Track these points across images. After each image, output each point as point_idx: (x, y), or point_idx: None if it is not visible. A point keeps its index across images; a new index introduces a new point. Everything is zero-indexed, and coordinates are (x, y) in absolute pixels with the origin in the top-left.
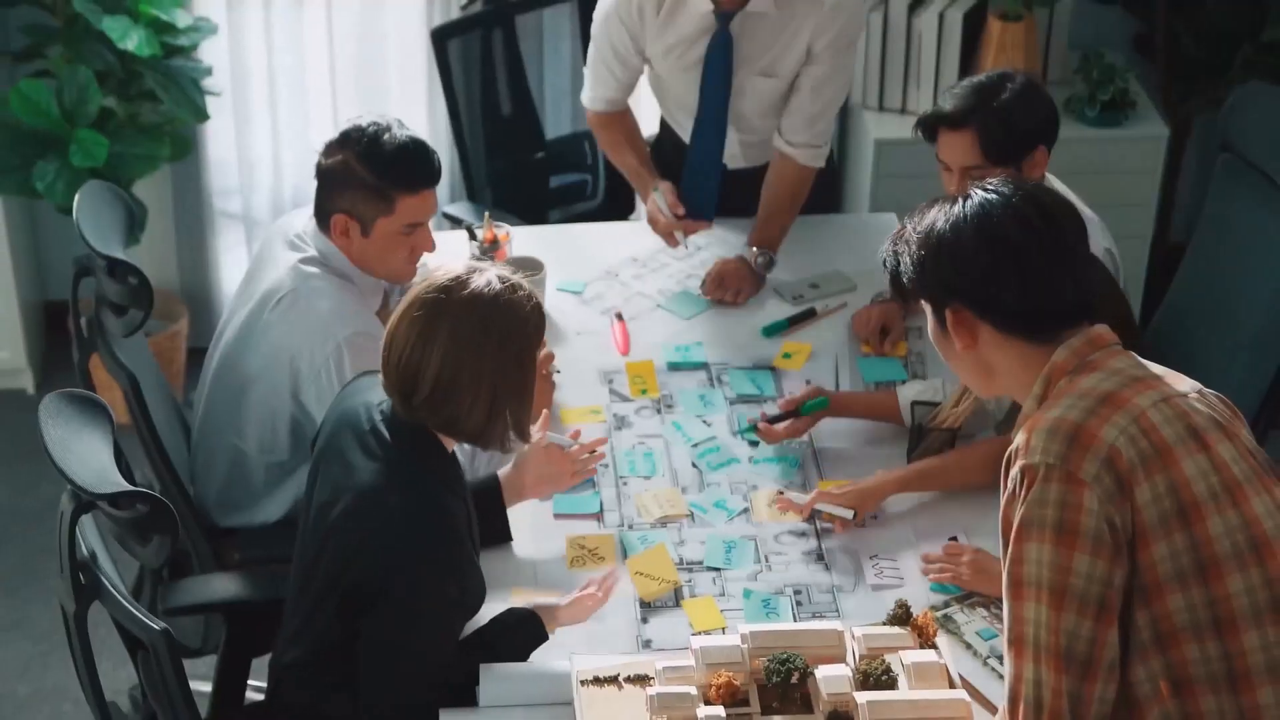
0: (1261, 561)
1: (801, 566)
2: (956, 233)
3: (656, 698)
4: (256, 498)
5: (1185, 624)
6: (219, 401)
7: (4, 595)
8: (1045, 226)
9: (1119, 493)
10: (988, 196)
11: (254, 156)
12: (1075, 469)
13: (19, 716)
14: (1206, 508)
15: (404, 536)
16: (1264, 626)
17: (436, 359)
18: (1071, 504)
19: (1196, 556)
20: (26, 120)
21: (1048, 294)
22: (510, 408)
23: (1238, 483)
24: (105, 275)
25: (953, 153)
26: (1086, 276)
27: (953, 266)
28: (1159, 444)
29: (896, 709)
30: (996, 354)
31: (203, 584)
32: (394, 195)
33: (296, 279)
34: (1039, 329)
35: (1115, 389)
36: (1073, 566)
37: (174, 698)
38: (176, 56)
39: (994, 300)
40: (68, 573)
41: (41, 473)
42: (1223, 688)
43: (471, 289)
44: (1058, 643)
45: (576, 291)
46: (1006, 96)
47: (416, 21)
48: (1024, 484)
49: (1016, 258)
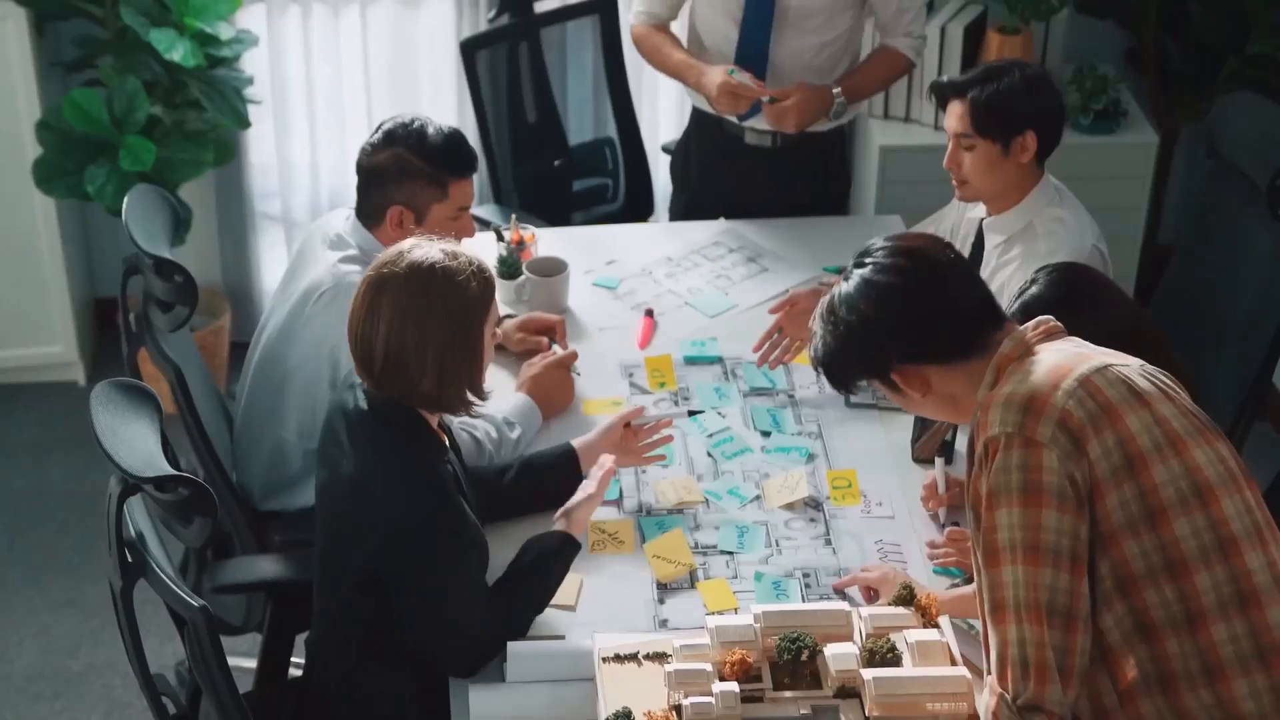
0: (1206, 506)
1: (810, 551)
2: (854, 312)
3: (674, 674)
4: (295, 482)
5: (1142, 570)
6: (260, 392)
7: (59, 575)
8: (914, 263)
9: (1075, 450)
10: (858, 270)
11: (293, 161)
12: (1032, 433)
13: (72, 690)
14: (1151, 458)
15: (403, 512)
16: (1213, 567)
17: (383, 331)
18: (1033, 465)
19: (1145, 504)
20: (79, 127)
21: (954, 311)
22: (461, 373)
23: (1179, 435)
24: (153, 273)
25: (950, 119)
26: (973, 283)
27: (870, 342)
28: (1104, 404)
29: (901, 685)
30: (951, 385)
31: (245, 565)
32: (447, 180)
33: (336, 275)
34: (969, 344)
35: (1060, 361)
36: (1042, 523)
37: (213, 671)
38: (220, 67)
39: (920, 344)
40: (115, 551)
41: (94, 459)
42: (1183, 630)
43: (408, 261)
44: (1038, 598)
45: (611, 287)
46: (1008, 79)
47: (447, 33)
48: (987, 456)
49: (908, 295)
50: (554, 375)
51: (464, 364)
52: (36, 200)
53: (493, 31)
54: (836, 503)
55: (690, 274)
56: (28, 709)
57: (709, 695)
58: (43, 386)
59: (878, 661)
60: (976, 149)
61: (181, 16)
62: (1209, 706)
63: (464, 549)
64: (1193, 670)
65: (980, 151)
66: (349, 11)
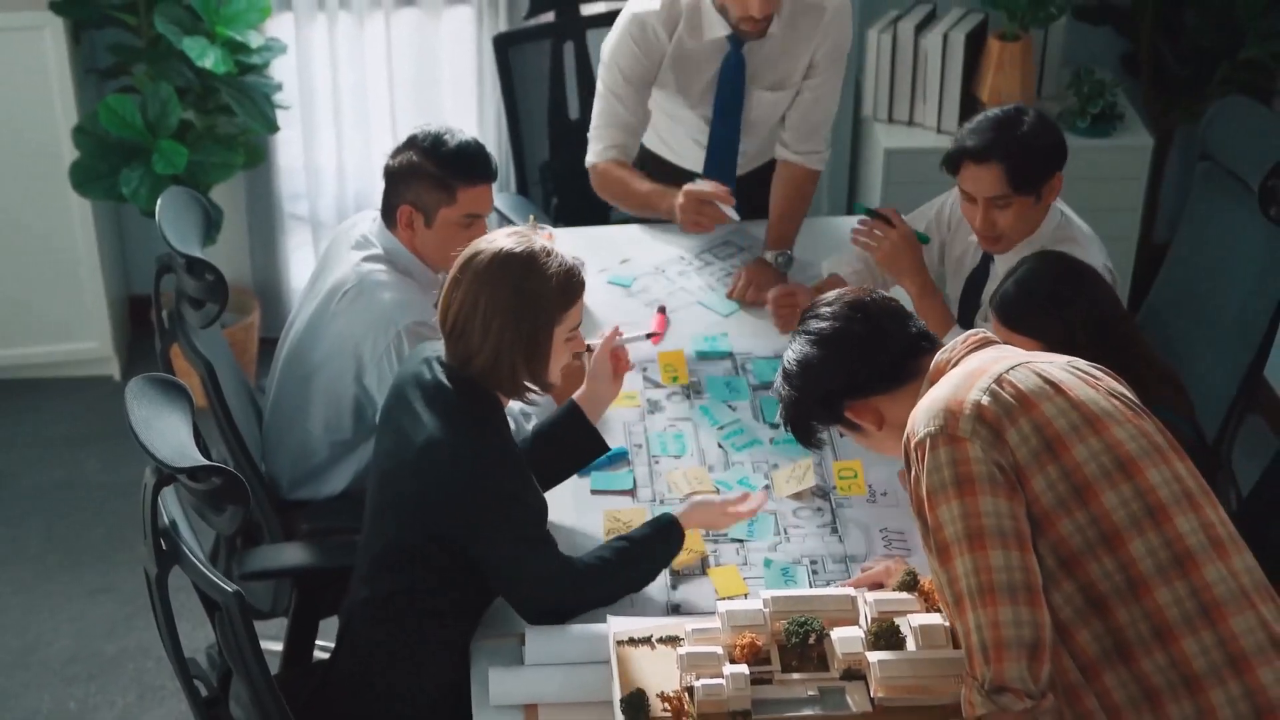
0: (1130, 477)
1: (817, 538)
2: (804, 359)
3: (686, 657)
4: (322, 473)
5: (1080, 546)
6: (288, 386)
7: (95, 562)
8: (844, 308)
9: (996, 439)
10: (800, 329)
11: (320, 164)
12: (954, 430)
13: (105, 673)
14: (1069, 438)
15: (483, 476)
16: (1145, 534)
17: (460, 296)
18: (960, 459)
19: (1070, 482)
20: (114, 132)
21: (885, 342)
22: (517, 357)
23: (1095, 416)
24: (185, 272)
25: (978, 184)
26: (899, 317)
27: (816, 384)
28: (1017, 395)
29: (905, 667)
30: (900, 412)
31: (274, 552)
32: (455, 186)
33: (361, 274)
34: (905, 368)
35: (977, 366)
36: (980, 509)
37: (245, 654)
38: (250, 74)
39: (861, 375)
40: (150, 539)
41: (127, 451)
42: (1128, 597)
43: (506, 247)
44: (991, 580)
45: (625, 285)
46: (1025, 130)
47: (468, 40)
48: (919, 459)
49: (845, 337)
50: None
51: (522, 350)
52: (73, 202)
53: (534, 29)
54: (843, 492)
55: (702, 273)
56: (64, 691)
57: (720, 677)
58: (78, 381)
59: (882, 645)
60: (1012, 206)
61: (213, 25)
62: (1164, 668)
63: (533, 511)
64: (1144, 634)
65: (1016, 207)
66: (373, 20)
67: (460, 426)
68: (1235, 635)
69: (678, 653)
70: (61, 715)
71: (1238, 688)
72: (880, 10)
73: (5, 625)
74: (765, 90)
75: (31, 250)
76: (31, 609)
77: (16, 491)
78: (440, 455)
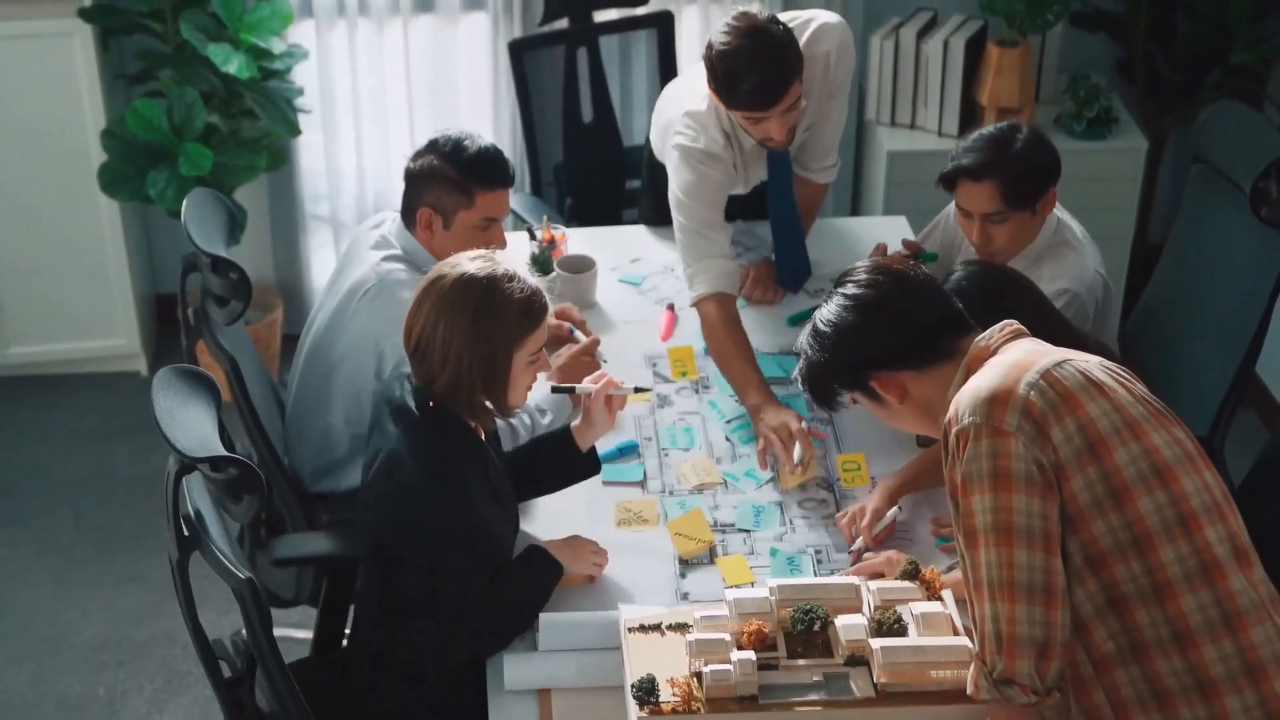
0: (1166, 484)
1: (822, 529)
2: (836, 323)
3: (695, 643)
4: (342, 465)
5: (1110, 547)
6: (310, 381)
7: (122, 552)
8: (885, 276)
9: (1039, 436)
10: (838, 289)
11: (340, 167)
12: (999, 423)
13: (135, 659)
14: (1111, 441)
15: (415, 503)
16: (1176, 541)
17: (422, 318)
18: (1001, 453)
19: (1109, 484)
20: (141, 135)
21: (919, 319)
22: (476, 381)
23: (1135, 420)
24: (210, 271)
25: (975, 201)
26: (938, 296)
27: (846, 347)
28: (1064, 392)
29: (906, 653)
30: (925, 390)
31: (297, 541)
32: (473, 190)
33: (381, 273)
34: (938, 348)
35: (1021, 358)
36: (1013, 506)
37: (259, 638)
38: (272, 79)
39: (893, 348)
40: (172, 526)
41: (155, 444)
42: (1150, 600)
43: (468, 270)
44: (1012, 577)
45: (635, 283)
46: (1019, 148)
47: (484, 46)
48: (959, 447)
49: (878, 307)
50: (579, 363)
51: (482, 373)
52: (102, 203)
53: (548, 35)
54: (846, 484)
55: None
56: (94, 677)
57: (728, 663)
58: (107, 377)
59: (885, 632)
60: (1008, 221)
61: (237, 32)
62: (1180, 671)
63: (464, 551)
64: (1164, 638)
65: (1013, 222)
66: (392, 27)
67: (414, 446)
68: (1254, 645)
69: (687, 639)
70: (92, 700)
71: (1253, 696)
72: (883, 17)
73: (37, 613)
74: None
75: (61, 250)
76: (62, 597)
77: (48, 483)
78: (390, 470)
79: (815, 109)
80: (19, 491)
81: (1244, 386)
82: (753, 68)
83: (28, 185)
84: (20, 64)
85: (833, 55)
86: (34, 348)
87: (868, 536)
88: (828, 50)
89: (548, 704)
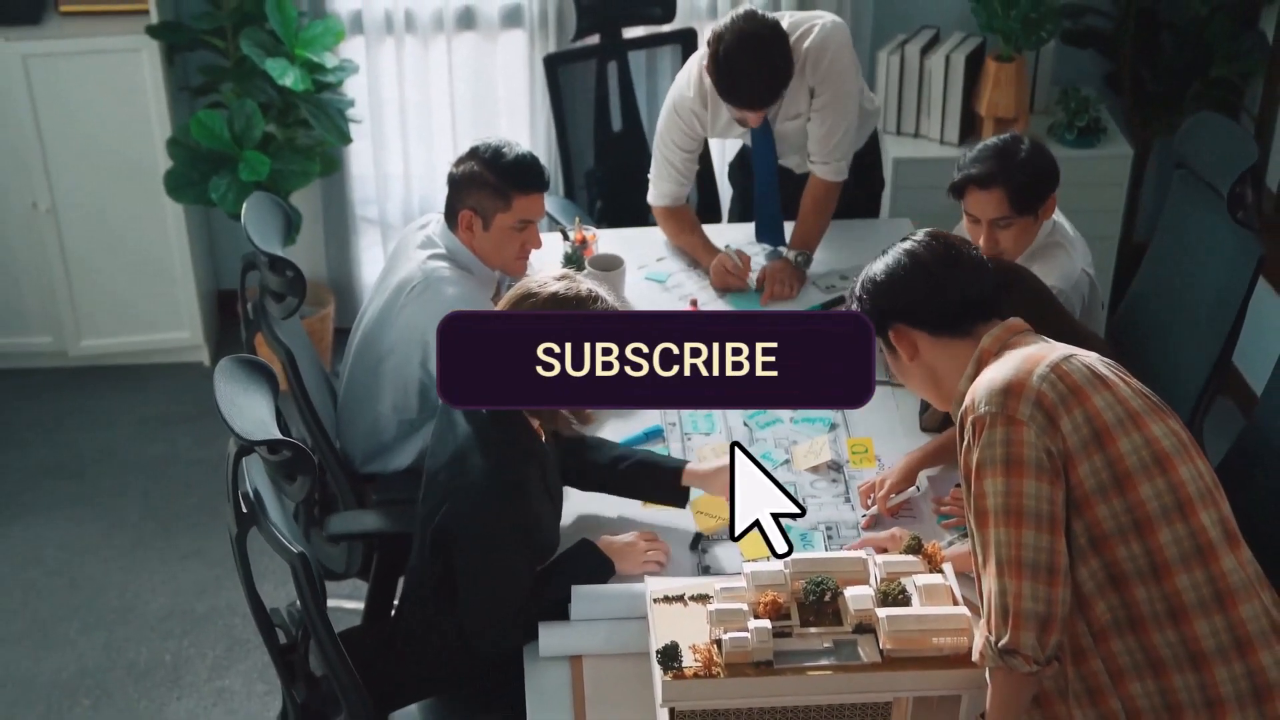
0: (1165, 472)
1: (832, 507)
2: (884, 269)
3: (715, 613)
4: (390, 449)
5: (1112, 529)
6: (360, 371)
7: (186, 529)
8: (941, 244)
9: (1050, 425)
10: (902, 243)
11: (388, 172)
12: (1013, 412)
13: (198, 628)
14: (1115, 431)
15: (479, 498)
16: (1174, 524)
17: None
18: (1014, 440)
19: (1113, 471)
20: (204, 143)
21: (953, 292)
22: None
23: (1137, 412)
24: (267, 269)
25: (983, 208)
26: (980, 279)
27: (883, 291)
28: (1072, 385)
29: (910, 622)
30: (934, 357)
31: (349, 518)
32: (511, 194)
33: (427, 271)
34: (957, 323)
35: (1032, 353)
36: (1023, 490)
37: (309, 607)
38: (325, 91)
39: (917, 306)
40: (232, 504)
41: (216, 429)
42: (1149, 579)
43: (556, 290)
44: (1020, 555)
45: (660, 280)
46: (1023, 157)
47: (521, 60)
48: (975, 433)
49: (923, 268)
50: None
51: None
52: (168, 207)
53: (582, 49)
54: (855, 465)
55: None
56: (160, 645)
57: (745, 631)
58: (172, 367)
59: (890, 602)
60: (1014, 226)
61: (292, 48)
62: (1174, 644)
63: (517, 546)
64: (1159, 613)
65: (1017, 226)
66: (436, 42)
67: (483, 445)
68: (1243, 620)
69: (708, 609)
70: (158, 665)
71: (1240, 667)
72: (890, 35)
73: (108, 585)
74: (787, 121)
75: (130, 250)
76: (131, 571)
77: (117, 466)
78: (459, 464)
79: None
80: (91, 474)
81: (1222, 376)
82: (748, 78)
83: (99, 190)
84: (93, 78)
85: (811, 53)
86: (105, 340)
87: (883, 506)
88: (807, 47)
89: (579, 669)
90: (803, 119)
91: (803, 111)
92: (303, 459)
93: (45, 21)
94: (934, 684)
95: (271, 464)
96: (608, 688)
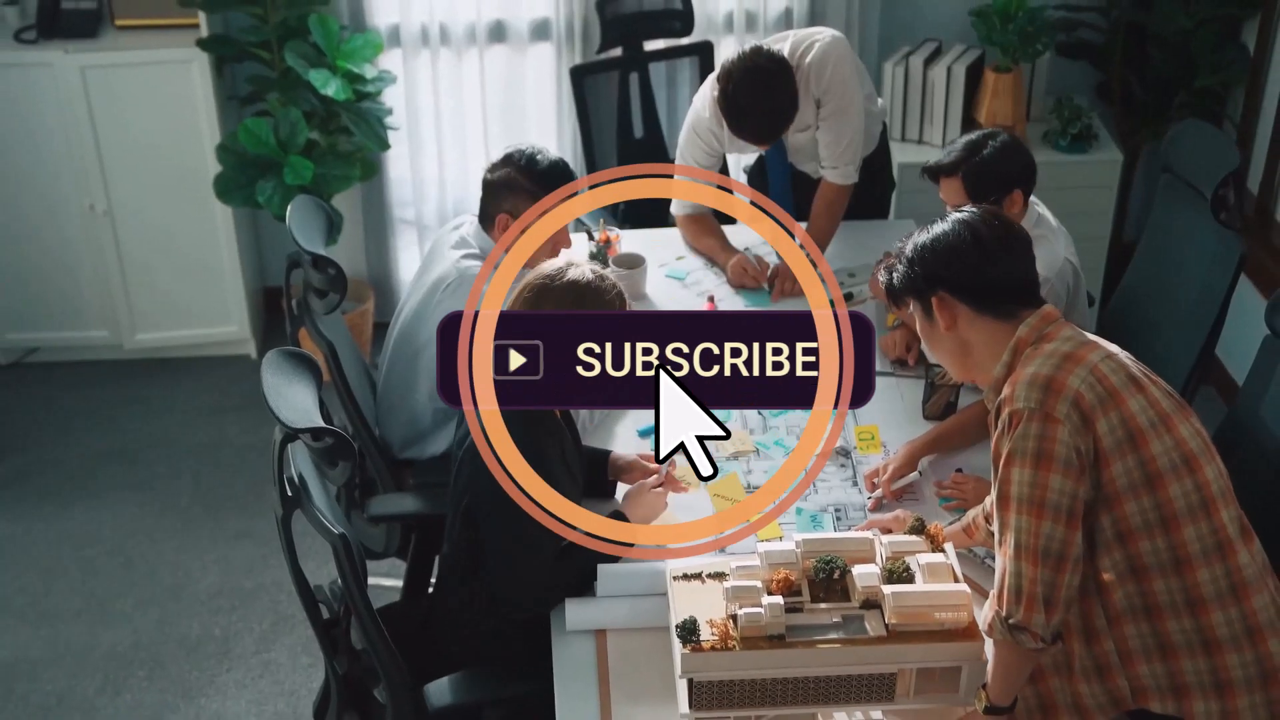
0: (1192, 472)
1: (840, 491)
2: (937, 236)
3: (731, 590)
4: (427, 436)
5: (1139, 525)
6: (398, 363)
7: (236, 511)
8: (1000, 223)
9: (1084, 426)
10: (959, 214)
11: (424, 177)
12: (1051, 409)
13: (245, 604)
14: (1149, 434)
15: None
16: (1198, 522)
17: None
18: (1048, 436)
19: (1144, 471)
20: (251, 149)
21: (1002, 272)
22: None
23: (1167, 414)
24: (311, 267)
25: (948, 194)
26: (1028, 265)
27: (936, 258)
28: (1110, 388)
29: (914, 598)
30: (971, 331)
31: (388, 501)
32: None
33: (461, 269)
34: (1001, 304)
35: (1072, 350)
36: (1049, 484)
37: (350, 585)
38: (365, 100)
39: (967, 278)
40: (277, 488)
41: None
42: (1169, 572)
43: (569, 277)
44: (1037, 543)
45: (680, 278)
46: (987, 151)
47: (549, 72)
48: (1011, 423)
49: (979, 242)
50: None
51: None
52: (217, 209)
53: (605, 61)
54: (862, 451)
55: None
56: (210, 620)
57: (759, 607)
58: (221, 359)
59: (895, 579)
60: None
61: (334, 59)
62: (1188, 631)
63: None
64: (1177, 603)
65: None
66: (469, 55)
67: (509, 427)
68: (1255, 610)
69: (724, 586)
70: (209, 639)
71: (1251, 654)
72: (894, 47)
73: (161, 564)
74: (798, 133)
75: (182, 250)
76: (183, 550)
77: (170, 452)
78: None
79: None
80: (145, 459)
81: (1205, 366)
82: (754, 118)
83: (152, 194)
84: (146, 88)
85: (812, 68)
86: (158, 334)
87: (887, 490)
88: (809, 63)
89: (604, 642)
90: (812, 130)
91: (811, 123)
92: (343, 446)
93: (102, 35)
94: (936, 656)
95: (315, 450)
96: (630, 659)
